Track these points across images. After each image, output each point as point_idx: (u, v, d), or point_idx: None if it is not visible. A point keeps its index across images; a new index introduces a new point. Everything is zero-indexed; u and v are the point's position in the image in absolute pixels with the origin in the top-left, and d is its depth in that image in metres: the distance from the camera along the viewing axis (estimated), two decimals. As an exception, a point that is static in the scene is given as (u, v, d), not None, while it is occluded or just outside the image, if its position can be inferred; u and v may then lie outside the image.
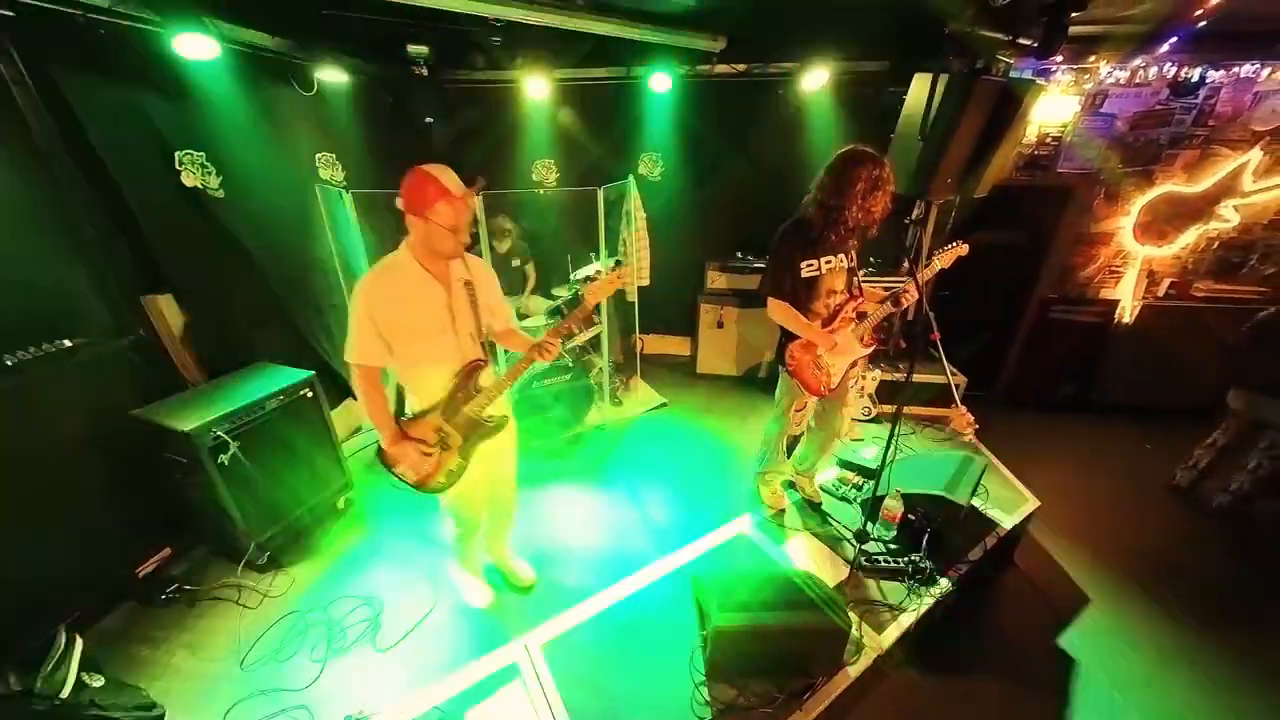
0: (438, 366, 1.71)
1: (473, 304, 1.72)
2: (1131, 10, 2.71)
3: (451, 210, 1.53)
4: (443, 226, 1.54)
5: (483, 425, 1.81)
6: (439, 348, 1.69)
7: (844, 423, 2.55)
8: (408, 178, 1.53)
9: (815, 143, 3.90)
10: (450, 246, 1.59)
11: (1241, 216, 3.73)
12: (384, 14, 2.72)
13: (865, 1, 2.66)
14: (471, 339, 1.73)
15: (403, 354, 1.66)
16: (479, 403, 1.76)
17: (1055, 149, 3.77)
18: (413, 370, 1.73)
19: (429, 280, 1.63)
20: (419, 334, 1.64)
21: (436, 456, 1.77)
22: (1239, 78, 3.33)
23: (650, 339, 4.92)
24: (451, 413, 1.75)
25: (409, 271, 1.62)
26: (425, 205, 1.52)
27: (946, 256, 2.21)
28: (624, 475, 3.24)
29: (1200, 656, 2.23)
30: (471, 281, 1.73)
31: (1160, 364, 3.97)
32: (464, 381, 1.73)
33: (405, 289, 1.61)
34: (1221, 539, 2.94)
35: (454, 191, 1.53)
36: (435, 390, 1.72)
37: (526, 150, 4.30)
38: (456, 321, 1.68)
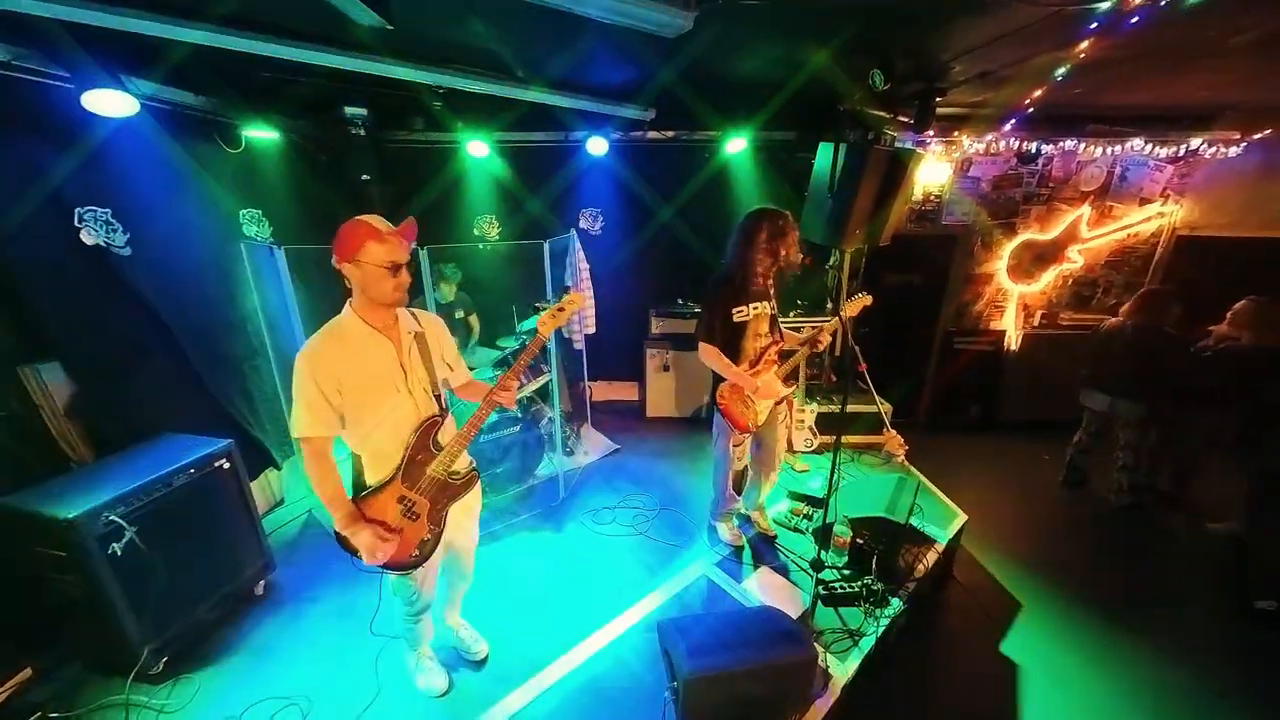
0: (393, 428, 1.61)
1: (425, 357, 1.66)
2: (981, 98, 3.35)
3: (383, 248, 1.48)
4: (377, 265, 1.48)
5: (451, 485, 1.71)
6: (393, 408, 1.59)
7: (779, 458, 2.71)
8: (339, 231, 1.49)
9: (741, 199, 4.30)
10: (389, 290, 1.52)
11: (1085, 258, 4.54)
12: (323, 78, 2.76)
13: (770, 82, 3.08)
14: (426, 394, 1.66)
15: (356, 419, 1.56)
16: (442, 461, 1.67)
17: (938, 205, 4.42)
18: (367, 436, 1.60)
19: (375, 336, 1.57)
20: (371, 395, 1.55)
21: (405, 530, 1.64)
22: (1064, 150, 4.15)
23: (599, 386, 4.95)
24: (415, 477, 1.64)
25: (354, 331, 1.55)
26: (354, 248, 1.47)
27: (853, 306, 2.43)
28: (579, 527, 3.15)
29: (1114, 645, 2.46)
30: (423, 334, 1.68)
31: (1044, 383, 4.58)
32: (422, 441, 1.64)
33: (352, 349, 1.54)
34: (1115, 533, 3.34)
35: (382, 230, 1.49)
36: (392, 455, 1.62)
37: (468, 206, 4.37)
38: (410, 378, 1.61)
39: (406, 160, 4.06)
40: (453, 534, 1.84)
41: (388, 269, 1.49)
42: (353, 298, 1.56)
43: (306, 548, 2.94)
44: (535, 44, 2.43)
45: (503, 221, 4.47)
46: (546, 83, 3.05)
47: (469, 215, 4.40)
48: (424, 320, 1.72)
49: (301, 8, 1.95)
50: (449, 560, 1.98)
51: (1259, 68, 2.63)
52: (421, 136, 3.97)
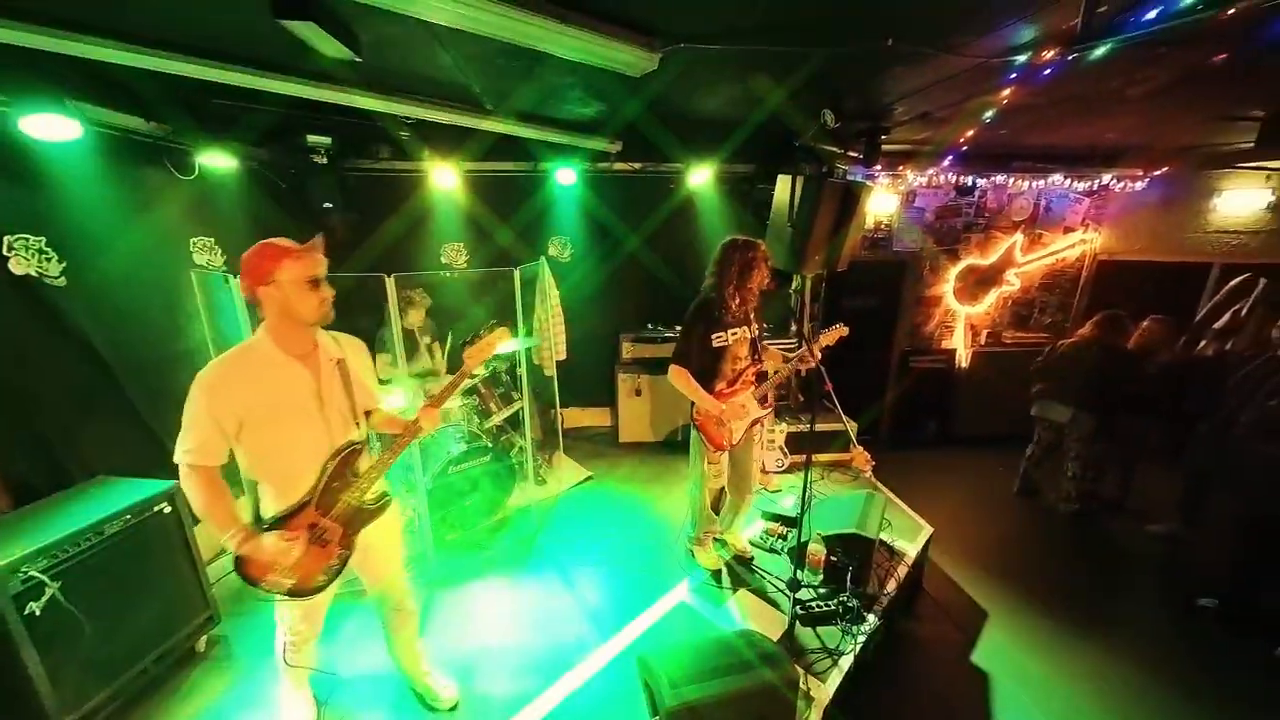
0: (304, 457, 1.54)
1: (346, 384, 1.61)
2: (923, 136, 3.64)
3: (300, 264, 1.44)
4: (297, 282, 1.43)
5: (365, 511, 1.66)
6: (304, 436, 1.53)
7: (754, 479, 2.75)
8: (244, 257, 1.44)
9: (705, 227, 4.46)
10: (315, 306, 1.47)
11: (1021, 281, 4.91)
12: (285, 106, 2.73)
13: (730, 118, 3.26)
14: (345, 422, 1.61)
15: (261, 449, 1.49)
16: (358, 489, 1.62)
17: (888, 233, 4.71)
18: (272, 464, 1.54)
19: (289, 363, 1.51)
20: (279, 424, 1.49)
21: (312, 554, 1.56)
22: (996, 184, 4.54)
23: (571, 412, 4.89)
24: (328, 504, 1.58)
25: (264, 356, 1.48)
26: (269, 270, 1.42)
27: (830, 336, 2.53)
28: (553, 558, 3.05)
29: (1074, 648, 2.56)
30: (344, 360, 1.62)
31: (994, 399, 4.85)
32: (340, 469, 1.58)
33: (259, 375, 1.47)
34: (1067, 540, 3.52)
35: (295, 247, 1.45)
36: (302, 484, 1.54)
37: (435, 234, 4.33)
38: (326, 406, 1.55)
39: (371, 189, 4.01)
40: (369, 564, 1.79)
41: (309, 284, 1.45)
42: (266, 323, 1.49)
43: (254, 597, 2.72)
44: (504, 78, 2.49)
45: (471, 249, 4.45)
46: (515, 115, 3.12)
47: (436, 243, 4.36)
48: (345, 345, 1.68)
49: (265, 38, 1.94)
50: (379, 597, 1.89)
51: (1153, 114, 3.00)
52: (387, 165, 3.95)
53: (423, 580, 2.80)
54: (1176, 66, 2.11)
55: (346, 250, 3.77)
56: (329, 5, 1.69)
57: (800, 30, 1.95)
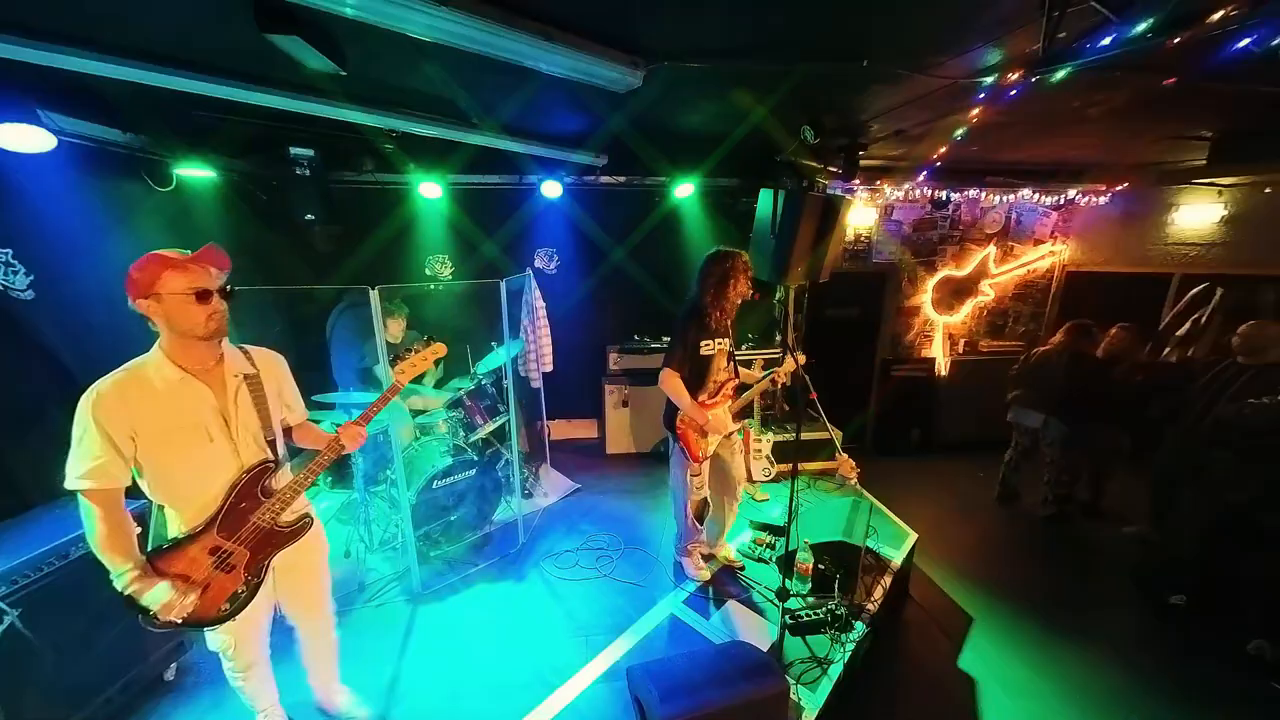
0: (206, 478, 1.47)
1: (259, 401, 1.54)
2: (899, 152, 3.77)
3: (183, 275, 1.36)
4: (179, 294, 1.36)
5: (278, 534, 1.59)
6: (206, 456, 1.46)
7: (740, 484, 2.78)
8: (128, 272, 1.36)
9: (690, 240, 4.52)
10: (201, 320, 1.39)
11: (995, 291, 5.07)
12: (267, 118, 2.70)
13: (714, 134, 3.34)
14: (255, 440, 1.54)
15: (154, 468, 1.41)
16: (270, 509, 1.54)
17: (868, 245, 4.84)
18: (170, 486, 1.45)
19: (188, 382, 1.43)
20: (175, 444, 1.41)
21: (213, 583, 1.47)
22: (969, 197, 4.71)
23: (557, 424, 4.87)
24: (234, 526, 1.50)
25: (159, 373, 1.40)
26: (149, 282, 1.34)
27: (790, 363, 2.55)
28: (541, 573, 3.01)
29: (1056, 650, 2.61)
30: (256, 375, 1.55)
31: (973, 406, 4.97)
32: (248, 489, 1.51)
33: (153, 395, 1.38)
34: (1047, 543, 3.60)
35: (177, 258, 1.38)
36: (205, 505, 1.47)
37: (420, 246, 4.31)
38: (232, 424, 1.48)
39: (354, 201, 3.98)
40: (287, 591, 1.72)
41: (193, 296, 1.37)
42: (161, 339, 1.43)
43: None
44: (490, 92, 2.51)
45: (456, 261, 4.43)
46: (501, 128, 3.14)
47: (421, 255, 4.33)
48: (259, 360, 1.61)
49: (249, 51, 1.93)
50: (298, 608, 1.81)
51: (1112, 133, 3.15)
52: (371, 177, 3.93)
53: (407, 597, 2.74)
54: (1131, 89, 2.23)
55: (329, 262, 3.74)
56: (314, 19, 1.69)
57: (780, 50, 2.01)
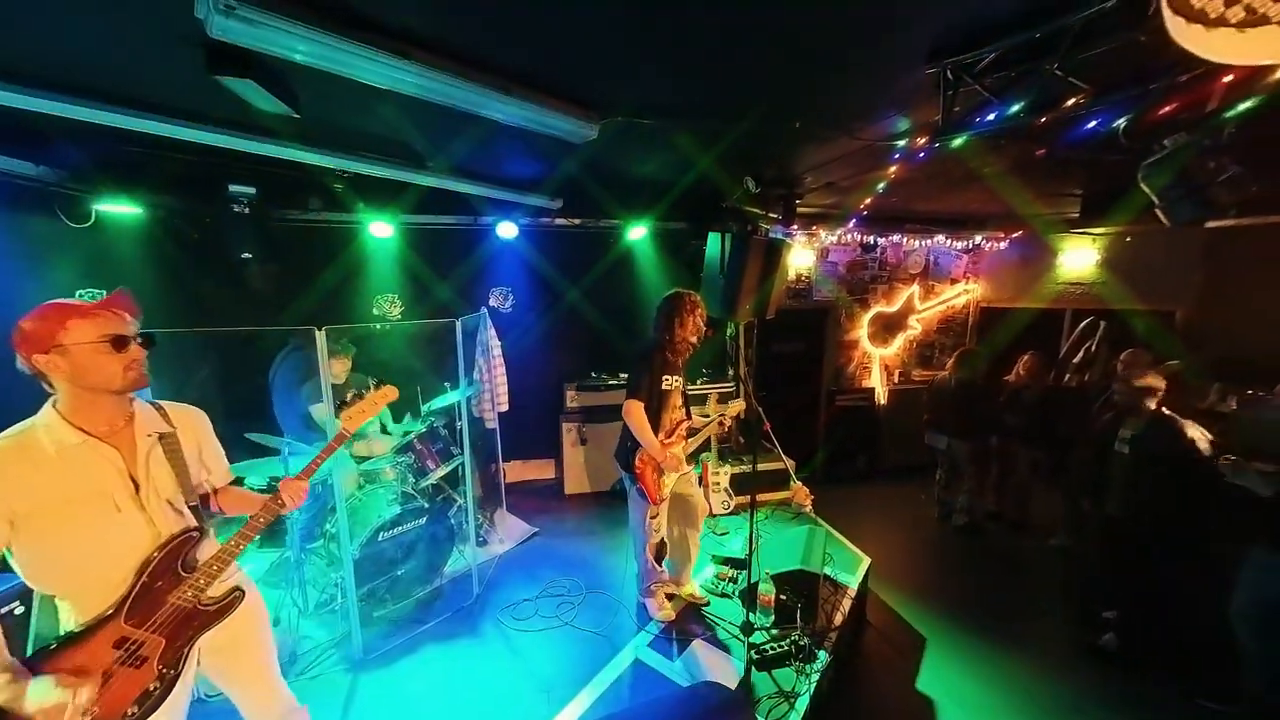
0: (113, 556, 1.26)
1: (175, 461, 1.37)
2: (831, 202, 4.16)
3: (91, 322, 1.21)
4: (89, 343, 1.20)
5: (201, 614, 1.35)
6: (112, 530, 1.25)
7: (702, 514, 2.81)
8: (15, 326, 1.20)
9: (644, 280, 4.68)
10: (118, 371, 1.23)
11: (921, 325, 5.56)
12: (206, 154, 2.61)
13: (665, 181, 3.55)
14: (171, 507, 1.34)
15: (40, 551, 1.20)
16: (192, 585, 1.32)
17: (808, 284, 5.20)
18: (62, 571, 1.24)
19: (90, 444, 1.24)
20: (75, 519, 1.21)
21: (115, 681, 1.22)
22: (893, 242, 5.22)
23: (513, 466, 4.71)
24: (148, 610, 1.27)
25: (52, 437, 1.21)
26: (54, 332, 1.18)
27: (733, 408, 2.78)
28: (497, 625, 2.84)
29: (1002, 665, 2.74)
30: (172, 434, 1.38)
31: (910, 431, 5.30)
32: (165, 564, 1.30)
33: (40, 461, 1.19)
34: (986, 558, 3.82)
35: (82, 305, 1.24)
36: (110, 588, 1.25)
37: (369, 286, 4.19)
38: (144, 489, 1.30)
39: (299, 239, 3.84)
40: (227, 678, 1.49)
41: (108, 344, 1.22)
42: (57, 399, 1.24)
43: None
44: (446, 136, 2.57)
45: (407, 301, 4.33)
46: (455, 170, 3.19)
47: (370, 295, 4.20)
48: (176, 416, 1.43)
49: (190, 86, 1.89)
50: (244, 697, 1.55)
51: (1003, 190, 3.65)
52: (316, 216, 3.83)
53: (347, 665, 2.48)
54: (1014, 155, 2.64)
55: (271, 303, 3.55)
56: (268, 63, 1.70)
57: (724, 111, 2.22)
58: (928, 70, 1.75)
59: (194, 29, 1.40)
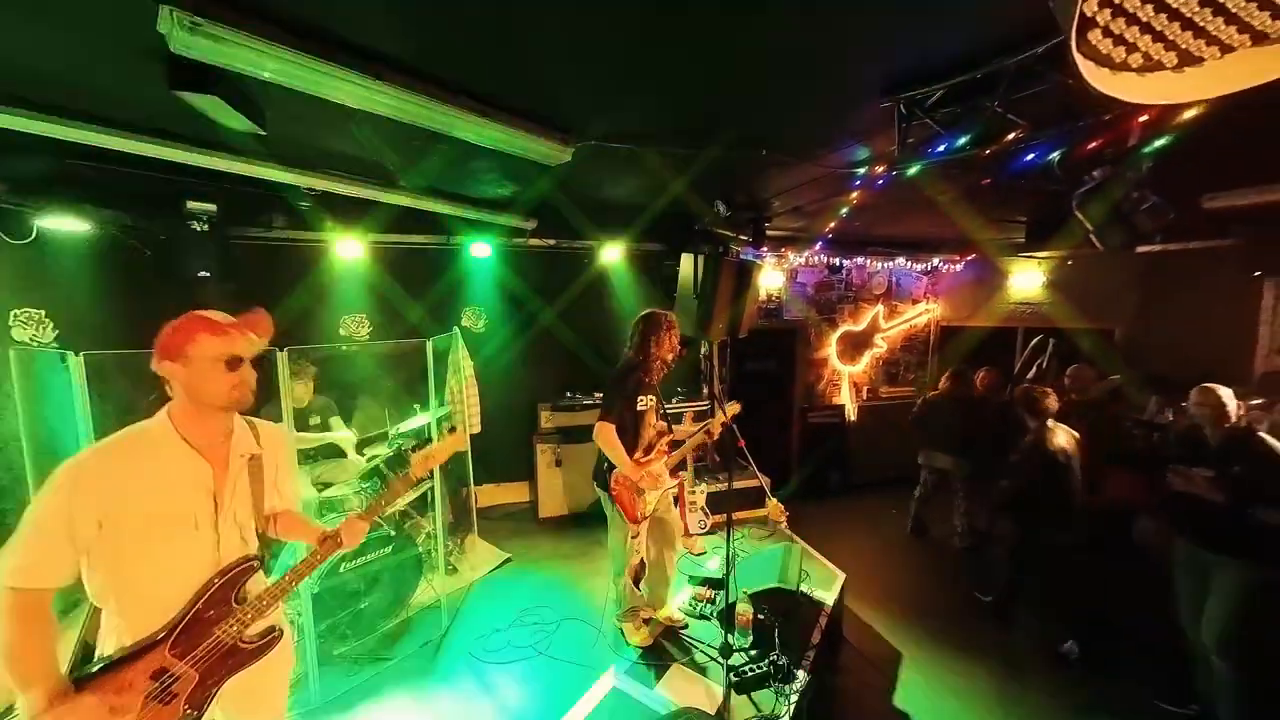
0: (178, 577, 1.22)
1: (255, 486, 1.35)
2: (799, 225, 4.32)
3: (219, 339, 1.24)
4: (210, 358, 1.23)
5: (239, 652, 1.29)
6: (184, 550, 1.23)
7: (678, 534, 2.79)
8: (164, 328, 1.25)
9: (618, 300, 4.72)
10: (225, 389, 1.25)
11: (887, 344, 5.77)
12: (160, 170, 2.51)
13: (639, 203, 3.62)
14: (240, 532, 1.32)
15: (117, 564, 1.16)
16: (240, 620, 1.27)
17: (779, 304, 5.34)
18: (131, 586, 1.18)
19: (191, 456, 1.24)
20: (154, 535, 1.18)
21: (148, 717, 1.15)
22: (857, 264, 5.44)
23: (485, 490, 4.58)
24: (191, 642, 1.21)
25: (161, 444, 1.22)
26: (182, 343, 1.21)
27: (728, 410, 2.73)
28: (467, 659, 2.71)
29: (976, 678, 2.78)
30: (259, 456, 1.37)
31: (879, 447, 5.45)
32: (222, 593, 1.25)
33: (144, 463, 1.19)
34: (956, 572, 3.90)
35: (219, 320, 1.27)
36: (165, 610, 1.20)
37: (334, 305, 4.07)
38: (222, 511, 1.27)
39: (262, 258, 3.72)
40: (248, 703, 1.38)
41: (223, 363, 1.24)
42: (171, 405, 1.26)
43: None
44: (418, 157, 2.56)
45: (376, 321, 4.22)
46: (428, 190, 3.17)
47: (335, 315, 4.08)
48: (265, 438, 1.42)
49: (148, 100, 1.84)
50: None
51: (956, 215, 3.88)
52: (280, 235, 3.72)
53: (301, 710, 2.31)
54: (964, 184, 2.82)
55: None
56: (234, 80, 1.67)
57: (693, 138, 2.30)
58: (883, 104, 1.87)
59: (154, 43, 1.37)
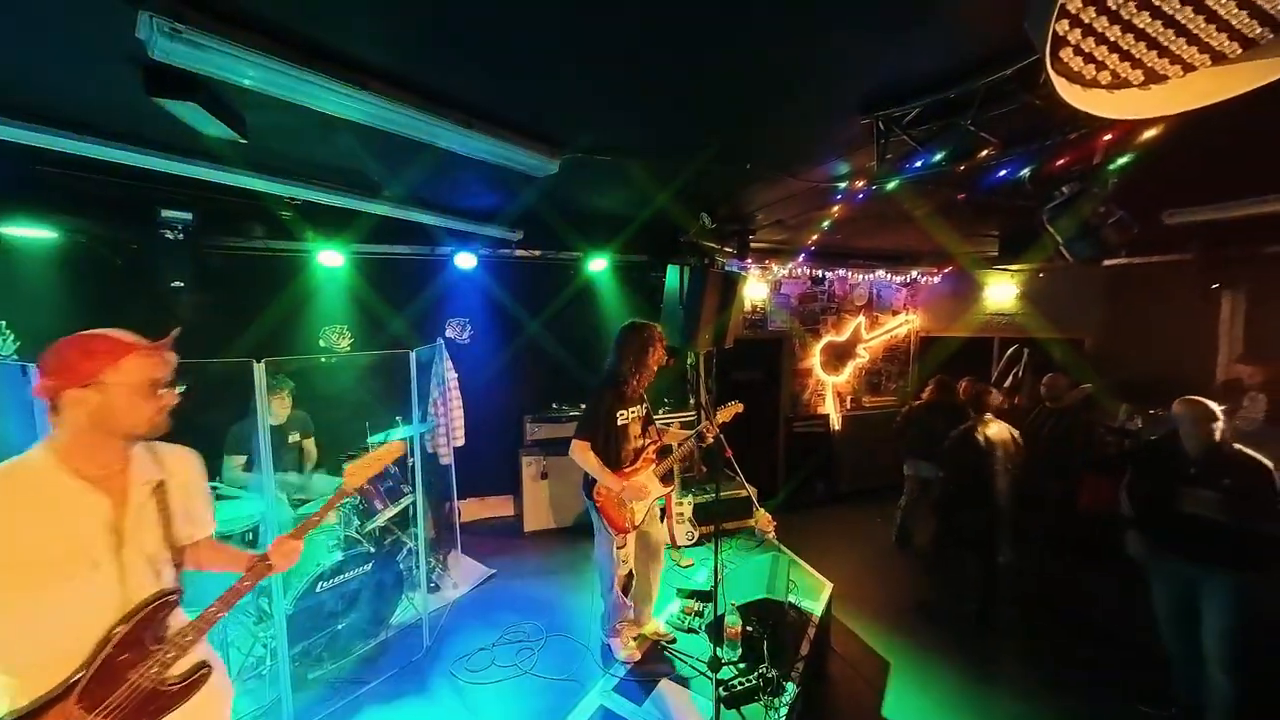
0: (78, 623, 1.08)
1: (163, 516, 1.21)
2: (782, 238, 4.40)
3: (152, 363, 1.14)
4: (135, 384, 1.11)
5: (162, 696, 1.16)
6: (83, 593, 1.08)
7: (660, 552, 2.76)
8: (55, 348, 1.09)
9: (604, 311, 4.72)
10: (149, 415, 1.14)
11: (869, 354, 5.87)
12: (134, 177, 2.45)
13: (624, 215, 3.65)
14: (150, 567, 1.18)
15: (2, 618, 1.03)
16: (159, 661, 1.13)
17: (763, 315, 5.41)
18: (17, 641, 1.05)
19: (83, 491, 1.10)
20: (43, 580, 1.04)
21: None
22: (839, 276, 5.55)
23: (469, 504, 4.49)
24: (103, 692, 1.07)
25: (45, 481, 1.08)
26: (100, 368, 1.08)
27: (726, 412, 2.70)
28: (449, 681, 2.62)
29: (961, 684, 2.79)
30: (163, 483, 1.23)
31: (864, 456, 5.51)
32: (134, 635, 1.12)
33: (30, 509, 1.05)
34: (940, 579, 3.94)
35: (139, 343, 1.14)
36: (63, 662, 1.06)
37: (314, 316, 3.99)
38: (126, 547, 1.13)
39: (240, 268, 3.63)
40: None
41: (150, 388, 1.13)
42: (57, 435, 1.10)
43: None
44: (403, 166, 2.55)
45: (357, 333, 4.14)
46: (413, 200, 3.15)
47: (316, 326, 4.00)
48: (169, 462, 1.27)
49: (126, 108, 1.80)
50: None
51: (933, 229, 4.00)
52: (260, 244, 3.64)
53: (272, 740, 2.21)
54: (940, 199, 2.91)
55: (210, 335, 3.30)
56: (214, 87, 1.64)
57: (678, 151, 2.34)
58: (862, 121, 1.93)
59: (132, 48, 1.34)
